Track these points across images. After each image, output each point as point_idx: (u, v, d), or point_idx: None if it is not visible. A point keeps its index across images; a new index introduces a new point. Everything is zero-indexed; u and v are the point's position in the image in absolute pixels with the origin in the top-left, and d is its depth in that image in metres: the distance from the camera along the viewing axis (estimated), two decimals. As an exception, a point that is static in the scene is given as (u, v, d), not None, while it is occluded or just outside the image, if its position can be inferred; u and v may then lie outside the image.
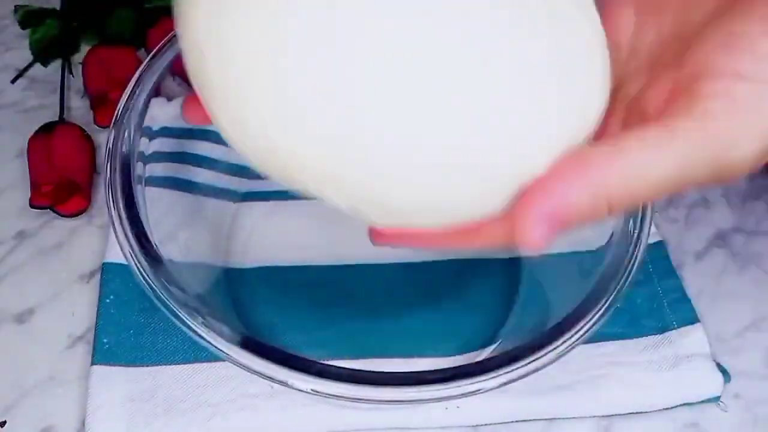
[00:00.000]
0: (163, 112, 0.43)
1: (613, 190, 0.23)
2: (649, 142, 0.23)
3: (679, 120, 0.22)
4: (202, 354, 0.42)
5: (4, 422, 0.41)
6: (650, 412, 0.42)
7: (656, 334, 0.44)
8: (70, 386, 0.42)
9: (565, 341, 0.34)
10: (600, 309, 0.35)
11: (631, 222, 0.38)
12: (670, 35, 0.26)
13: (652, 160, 0.22)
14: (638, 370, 0.43)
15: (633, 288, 0.36)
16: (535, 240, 0.23)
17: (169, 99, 0.43)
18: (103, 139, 0.51)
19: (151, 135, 0.42)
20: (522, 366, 0.33)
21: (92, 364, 0.42)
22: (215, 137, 0.38)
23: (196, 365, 0.42)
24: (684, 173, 0.23)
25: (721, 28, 0.23)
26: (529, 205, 0.24)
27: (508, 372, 0.33)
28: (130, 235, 0.36)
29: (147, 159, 0.41)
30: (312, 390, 0.32)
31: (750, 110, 0.22)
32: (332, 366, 0.33)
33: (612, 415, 0.42)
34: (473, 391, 0.33)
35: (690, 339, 0.44)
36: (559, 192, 0.23)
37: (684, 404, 0.42)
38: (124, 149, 0.39)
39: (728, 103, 0.22)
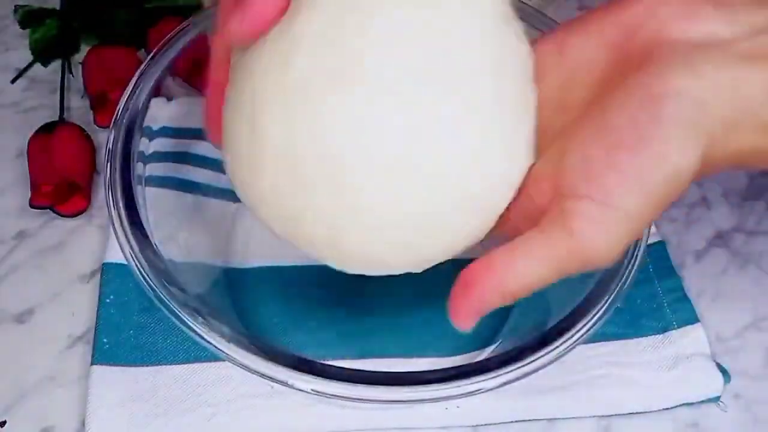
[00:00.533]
0: (163, 112, 0.43)
1: (512, 288, 0.30)
2: (535, 250, 0.30)
3: (555, 231, 0.30)
4: (202, 354, 0.42)
5: (4, 422, 0.41)
6: (650, 412, 0.42)
7: (656, 334, 0.44)
8: (70, 386, 0.42)
9: (565, 341, 0.34)
10: (600, 309, 0.35)
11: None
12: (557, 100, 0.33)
13: (537, 266, 0.30)
14: (638, 370, 0.43)
15: (633, 288, 0.36)
16: (466, 326, 0.32)
17: (169, 99, 0.43)
18: (103, 139, 0.51)
19: (151, 135, 0.42)
20: (522, 366, 0.33)
21: (92, 364, 0.42)
22: (215, 137, 0.38)
23: (196, 365, 0.42)
24: (561, 271, 0.30)
25: (581, 148, 0.30)
26: (457, 305, 0.31)
27: (507, 372, 0.33)
28: (130, 235, 0.36)
29: (147, 159, 0.41)
30: (312, 390, 0.32)
31: (602, 227, 0.29)
32: (333, 366, 0.33)
33: (612, 415, 0.42)
34: (473, 391, 0.33)
35: (690, 339, 0.44)
36: (476, 295, 0.31)
37: (684, 404, 0.42)
38: (123, 149, 0.39)
39: (587, 222, 0.29)
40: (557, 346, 0.34)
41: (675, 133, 0.28)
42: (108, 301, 0.44)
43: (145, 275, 0.35)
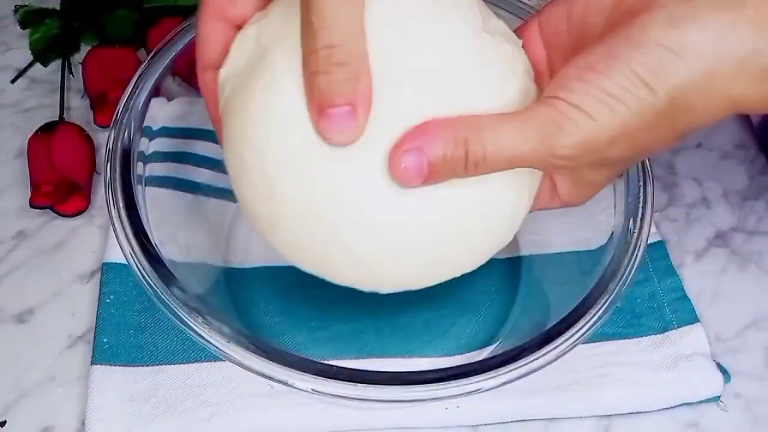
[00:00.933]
0: (163, 112, 0.43)
1: (472, 146, 0.29)
2: (509, 118, 0.30)
3: (528, 111, 0.30)
4: (202, 354, 0.42)
5: (4, 422, 0.41)
6: (650, 411, 0.42)
7: (656, 334, 0.44)
8: (70, 386, 0.42)
9: (564, 341, 0.34)
10: (600, 309, 0.35)
11: (631, 221, 0.38)
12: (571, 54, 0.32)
13: (510, 129, 0.29)
14: (638, 369, 0.42)
15: (633, 288, 0.36)
16: (402, 173, 0.29)
17: (169, 99, 0.43)
18: (103, 139, 0.51)
19: (151, 135, 0.42)
20: (522, 365, 0.33)
21: (92, 363, 0.42)
22: (215, 137, 0.38)
23: (196, 365, 0.42)
24: (531, 148, 0.29)
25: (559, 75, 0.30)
26: (403, 143, 0.30)
27: (507, 371, 0.33)
28: (130, 235, 0.36)
29: (147, 159, 0.41)
30: (312, 389, 0.32)
31: (571, 122, 0.29)
32: (332, 365, 0.33)
33: (612, 415, 0.42)
34: (473, 391, 0.33)
35: (690, 339, 0.44)
36: (430, 131, 0.29)
37: (684, 404, 0.42)
38: (123, 149, 0.39)
39: (562, 108, 0.29)
40: (557, 346, 0.34)
41: (639, 74, 0.29)
42: (108, 301, 0.44)
43: (145, 275, 0.35)
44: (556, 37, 0.35)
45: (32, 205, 0.48)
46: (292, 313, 0.45)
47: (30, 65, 0.56)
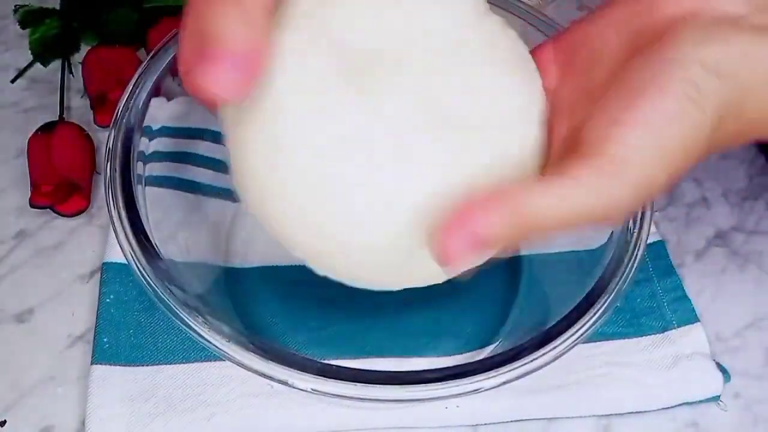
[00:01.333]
0: (163, 112, 0.43)
1: (527, 213, 0.27)
2: (555, 183, 0.28)
3: (583, 171, 0.28)
4: (202, 354, 0.42)
5: (4, 422, 0.41)
6: (650, 411, 0.42)
7: (656, 334, 0.44)
8: (70, 386, 0.42)
9: (565, 340, 0.34)
10: (600, 308, 0.35)
11: (630, 221, 0.38)
12: (581, 90, 0.32)
13: (563, 197, 0.27)
14: (638, 369, 0.43)
15: (633, 287, 0.36)
16: (454, 262, 0.27)
17: (169, 99, 0.43)
18: (103, 139, 0.51)
19: (151, 135, 0.42)
20: (522, 365, 0.33)
21: (92, 363, 0.42)
22: (215, 137, 0.38)
23: (196, 365, 0.42)
24: (581, 211, 0.28)
25: (606, 114, 0.29)
26: (449, 232, 0.27)
27: (507, 371, 0.33)
28: (130, 235, 0.36)
29: (147, 159, 0.41)
30: (312, 389, 0.32)
31: (617, 179, 0.28)
32: (332, 365, 0.33)
33: (612, 415, 0.42)
34: (473, 390, 0.33)
35: (690, 338, 0.44)
36: (479, 220, 0.27)
37: (684, 403, 0.42)
38: (124, 149, 0.39)
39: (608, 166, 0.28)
40: (557, 346, 0.34)
41: (682, 94, 0.28)
42: (108, 300, 0.44)
43: (145, 275, 0.35)
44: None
45: (32, 205, 0.48)
46: (292, 312, 0.45)
47: (30, 65, 0.56)
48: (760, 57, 0.28)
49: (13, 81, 0.55)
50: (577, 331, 0.34)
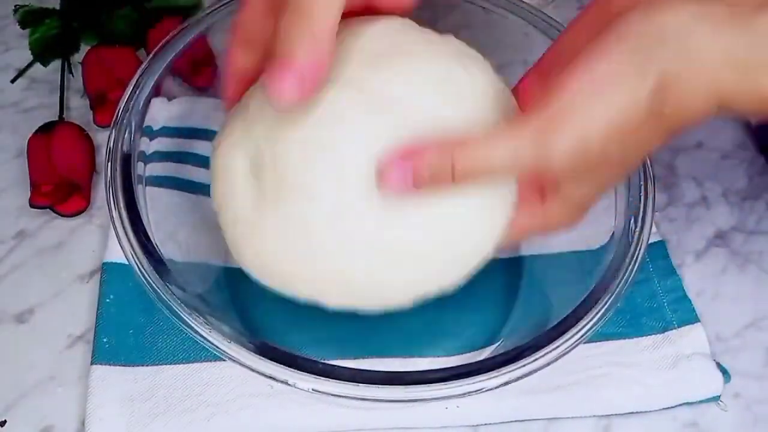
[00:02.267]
0: (163, 112, 0.43)
1: (458, 160, 0.30)
2: (499, 131, 0.32)
3: (521, 122, 0.31)
4: (202, 354, 0.42)
5: (4, 422, 0.41)
6: (650, 411, 0.42)
7: (656, 334, 0.44)
8: (70, 386, 0.42)
9: (565, 341, 0.34)
10: (600, 308, 0.35)
11: (631, 221, 0.38)
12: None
13: (496, 147, 0.31)
14: (638, 369, 0.42)
15: (633, 288, 0.36)
16: (392, 183, 0.31)
17: (169, 99, 0.43)
18: (103, 139, 0.51)
19: (151, 135, 0.42)
20: (522, 365, 0.33)
21: (92, 363, 0.42)
22: (215, 137, 0.38)
23: (196, 365, 0.42)
24: (516, 159, 0.30)
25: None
26: (394, 161, 0.31)
27: (508, 371, 0.33)
28: (130, 234, 0.36)
29: (147, 159, 0.41)
30: (313, 389, 0.32)
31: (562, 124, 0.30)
32: (333, 365, 0.33)
33: (612, 415, 0.42)
34: (474, 391, 0.33)
35: (690, 338, 0.44)
36: (419, 152, 0.31)
37: (684, 404, 0.42)
38: (124, 149, 0.39)
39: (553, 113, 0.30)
40: (558, 346, 0.34)
41: (622, 57, 0.30)
42: (108, 301, 0.44)
43: (146, 275, 0.35)
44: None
45: (32, 205, 0.48)
46: (292, 312, 0.44)
47: (30, 65, 0.56)
48: (711, 21, 0.29)
49: (13, 81, 0.55)
50: (578, 331, 0.34)
